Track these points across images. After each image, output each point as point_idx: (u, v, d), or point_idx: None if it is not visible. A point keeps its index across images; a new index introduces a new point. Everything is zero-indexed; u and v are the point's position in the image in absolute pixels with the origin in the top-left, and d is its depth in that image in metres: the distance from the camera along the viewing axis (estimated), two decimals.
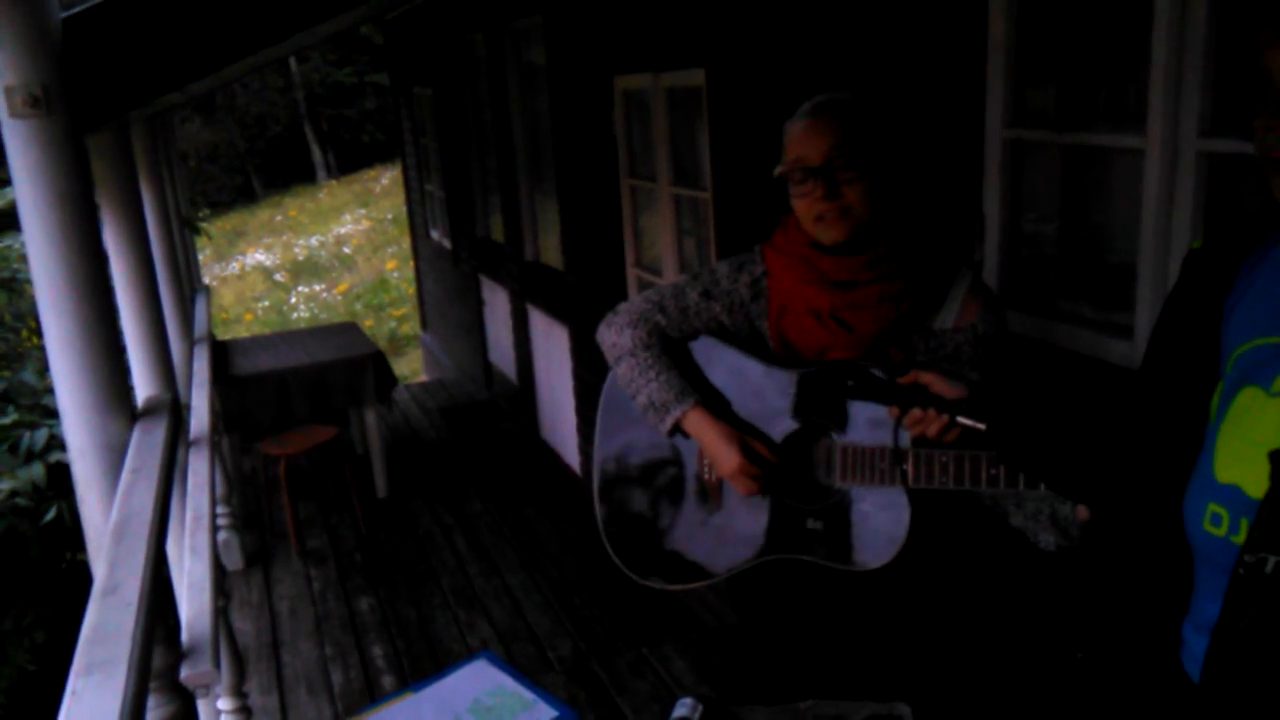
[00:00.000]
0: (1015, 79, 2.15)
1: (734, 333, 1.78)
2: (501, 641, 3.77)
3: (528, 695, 1.60)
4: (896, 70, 2.42)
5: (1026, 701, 2.07)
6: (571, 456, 5.42)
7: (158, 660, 1.73)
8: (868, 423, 1.63)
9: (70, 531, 4.19)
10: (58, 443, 4.16)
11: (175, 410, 2.50)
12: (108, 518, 1.81)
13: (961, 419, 1.40)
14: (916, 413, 1.45)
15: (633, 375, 1.76)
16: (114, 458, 2.01)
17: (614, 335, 1.80)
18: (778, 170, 1.66)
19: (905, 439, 1.56)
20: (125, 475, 1.88)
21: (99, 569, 1.55)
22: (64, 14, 2.00)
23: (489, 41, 5.85)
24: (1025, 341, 2.19)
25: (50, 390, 2.04)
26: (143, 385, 2.98)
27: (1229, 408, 1.02)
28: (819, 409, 1.68)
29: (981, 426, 1.38)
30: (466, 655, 3.53)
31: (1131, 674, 1.14)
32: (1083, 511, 1.47)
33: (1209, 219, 1.80)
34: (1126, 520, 1.14)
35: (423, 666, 3.64)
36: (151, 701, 1.76)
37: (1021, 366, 2.09)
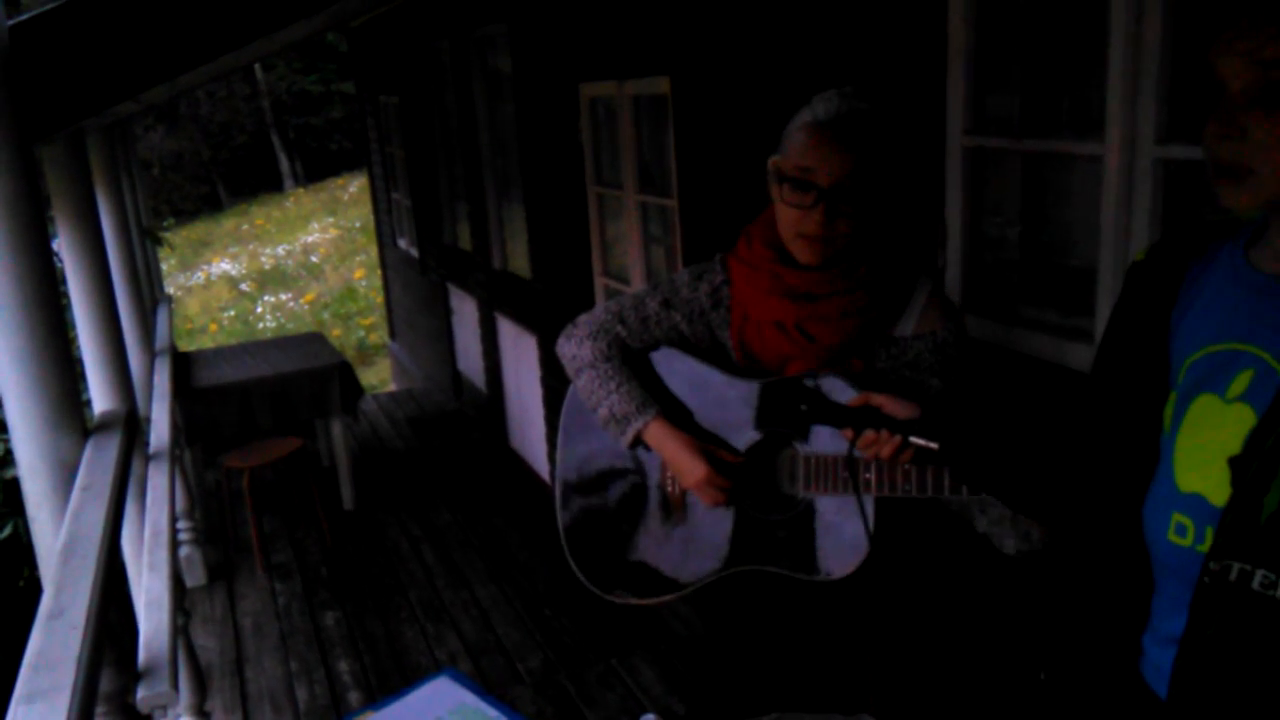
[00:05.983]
0: (975, 86, 2.15)
1: (695, 343, 1.76)
2: (470, 655, 3.73)
3: (491, 713, 1.57)
4: (859, 78, 2.42)
5: (991, 716, 2.07)
6: (541, 465, 5.39)
7: (109, 684, 1.68)
8: (830, 432, 1.62)
9: (28, 548, 4.10)
10: (13, 458, 4.07)
11: (131, 424, 2.45)
12: (58, 537, 1.76)
13: (914, 439, 1.39)
14: (869, 434, 1.43)
15: (593, 388, 1.73)
16: (65, 474, 1.96)
17: (573, 348, 1.78)
18: (773, 162, 1.60)
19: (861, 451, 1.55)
20: (75, 493, 1.83)
21: (46, 591, 1.51)
22: (11, 21, 1.95)
23: (454, 49, 5.82)
24: (987, 347, 2.20)
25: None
26: (100, 399, 2.92)
27: (1184, 416, 1.02)
28: (780, 419, 1.67)
29: (935, 446, 1.36)
30: (435, 669, 3.49)
31: (1095, 689, 1.13)
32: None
33: (1167, 224, 1.81)
34: (1083, 533, 1.14)
35: (390, 682, 3.59)
36: None
37: (982, 375, 2.09)
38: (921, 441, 1.38)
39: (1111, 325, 1.14)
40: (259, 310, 14.85)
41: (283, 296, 15.26)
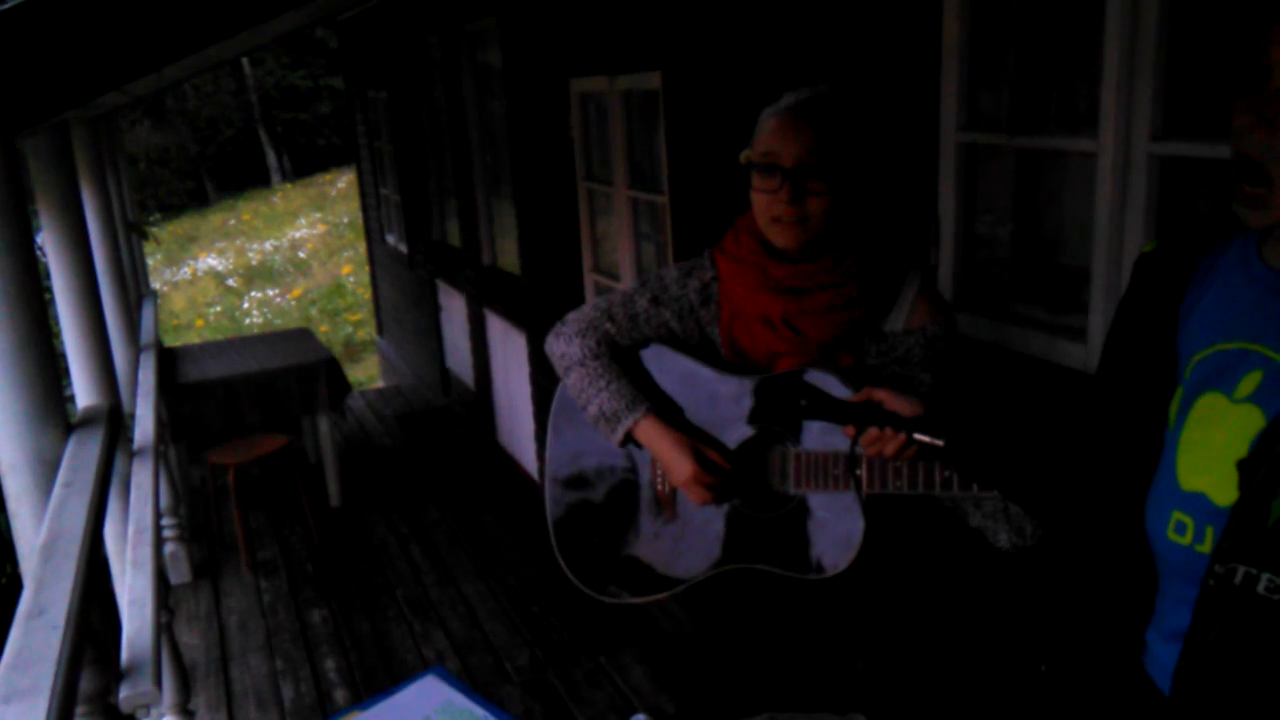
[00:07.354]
0: (969, 83, 2.14)
1: (684, 339, 1.74)
2: (458, 652, 3.71)
3: (479, 712, 1.55)
4: (852, 73, 2.41)
5: (988, 713, 2.07)
6: (530, 463, 5.37)
7: (91, 683, 1.65)
8: (821, 429, 1.60)
9: (9, 545, 4.06)
10: None
11: (115, 419, 2.42)
12: (39, 534, 1.73)
13: (919, 436, 1.36)
14: (873, 432, 1.39)
15: (583, 385, 1.72)
16: (47, 471, 1.94)
17: (563, 345, 1.76)
18: (744, 156, 1.61)
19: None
20: (57, 489, 1.81)
21: (26, 589, 1.48)
22: None
23: (444, 44, 5.79)
24: (980, 345, 2.19)
25: None
26: (83, 395, 2.88)
27: (1189, 414, 1.00)
28: (776, 416, 1.65)
29: (939, 443, 1.33)
30: (421, 667, 3.46)
31: (1097, 683, 1.12)
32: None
33: (1161, 222, 1.80)
34: (1088, 527, 1.13)
35: (376, 679, 3.56)
36: None
37: (972, 371, 2.08)
38: (926, 438, 1.35)
39: (1118, 317, 1.13)
40: (245, 306, 14.78)
41: (270, 292, 15.19)
